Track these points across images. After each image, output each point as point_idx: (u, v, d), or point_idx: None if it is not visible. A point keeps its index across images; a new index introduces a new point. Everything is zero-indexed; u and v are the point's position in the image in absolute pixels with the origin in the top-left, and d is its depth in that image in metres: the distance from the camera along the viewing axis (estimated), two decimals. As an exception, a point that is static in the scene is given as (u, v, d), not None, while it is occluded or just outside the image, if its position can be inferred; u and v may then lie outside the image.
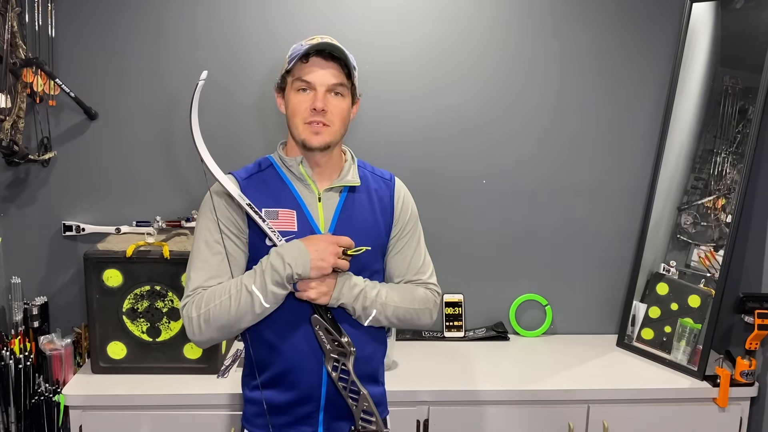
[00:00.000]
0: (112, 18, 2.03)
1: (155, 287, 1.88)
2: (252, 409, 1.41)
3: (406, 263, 1.45)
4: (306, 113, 1.32)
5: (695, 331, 2.01)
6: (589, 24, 2.14)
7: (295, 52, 1.32)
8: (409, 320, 1.41)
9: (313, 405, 1.37)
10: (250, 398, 1.42)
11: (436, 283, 1.49)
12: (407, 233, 1.46)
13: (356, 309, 1.33)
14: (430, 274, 1.49)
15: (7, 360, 1.85)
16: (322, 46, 1.30)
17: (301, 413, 1.38)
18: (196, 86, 1.30)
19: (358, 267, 1.37)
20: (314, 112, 1.31)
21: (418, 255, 1.47)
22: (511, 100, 2.17)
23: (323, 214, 1.37)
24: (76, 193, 2.11)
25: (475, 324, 2.29)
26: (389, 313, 1.37)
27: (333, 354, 1.31)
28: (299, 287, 1.28)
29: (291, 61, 1.32)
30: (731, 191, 2.00)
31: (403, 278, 1.45)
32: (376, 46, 2.09)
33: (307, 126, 1.32)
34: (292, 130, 1.36)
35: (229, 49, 2.07)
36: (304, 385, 1.36)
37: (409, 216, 1.46)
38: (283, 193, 1.37)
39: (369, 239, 1.38)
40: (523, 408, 1.89)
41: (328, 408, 1.37)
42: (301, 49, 1.31)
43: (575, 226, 2.26)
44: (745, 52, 2.00)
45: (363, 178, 1.43)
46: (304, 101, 1.32)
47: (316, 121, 1.32)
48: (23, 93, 1.93)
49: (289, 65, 1.33)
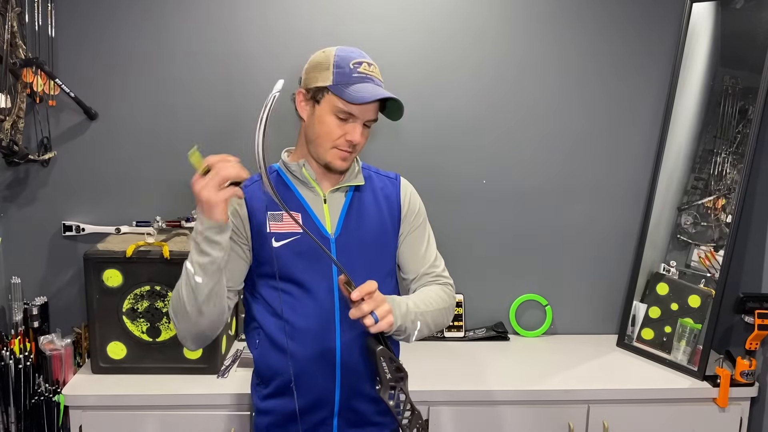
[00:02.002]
0: (111, 18, 2.03)
1: (155, 287, 1.88)
2: (265, 420, 1.39)
3: (420, 257, 1.44)
4: (341, 141, 1.30)
5: (695, 331, 2.01)
6: (589, 24, 2.14)
7: (345, 77, 1.27)
8: (441, 323, 1.40)
9: (327, 411, 1.35)
10: (262, 408, 1.39)
11: (450, 278, 1.48)
12: (417, 228, 1.45)
13: (408, 328, 1.28)
14: (443, 268, 1.48)
15: (7, 360, 1.85)
16: (383, 94, 1.26)
17: (314, 420, 1.36)
18: (271, 100, 1.13)
19: (370, 268, 1.33)
20: (349, 143, 1.30)
21: (430, 249, 1.47)
22: (510, 101, 2.17)
23: (329, 215, 1.36)
24: (76, 193, 2.11)
25: (475, 324, 2.29)
26: (429, 320, 1.34)
27: (391, 382, 1.21)
28: (367, 323, 1.17)
29: (340, 82, 1.27)
30: (731, 191, 2.00)
31: (417, 273, 1.44)
32: (376, 47, 2.09)
33: (337, 151, 1.31)
34: (317, 147, 1.32)
35: (230, 49, 2.07)
36: (317, 391, 1.34)
37: (417, 212, 1.46)
38: (287, 197, 1.35)
39: (378, 237, 1.38)
40: (523, 408, 1.89)
41: (342, 413, 1.36)
42: (355, 80, 1.27)
43: (575, 226, 2.26)
44: (745, 52, 2.00)
45: (367, 178, 1.43)
46: (341, 128, 1.29)
47: (348, 151, 1.31)
48: (23, 93, 1.92)
49: (334, 84, 1.28)
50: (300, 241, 1.32)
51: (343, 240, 1.35)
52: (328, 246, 1.33)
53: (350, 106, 1.27)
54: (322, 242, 1.27)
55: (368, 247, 1.36)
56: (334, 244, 1.34)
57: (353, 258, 1.33)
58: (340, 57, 1.29)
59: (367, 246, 1.36)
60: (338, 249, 1.34)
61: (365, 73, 1.29)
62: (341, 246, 1.34)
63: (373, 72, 1.31)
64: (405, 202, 1.44)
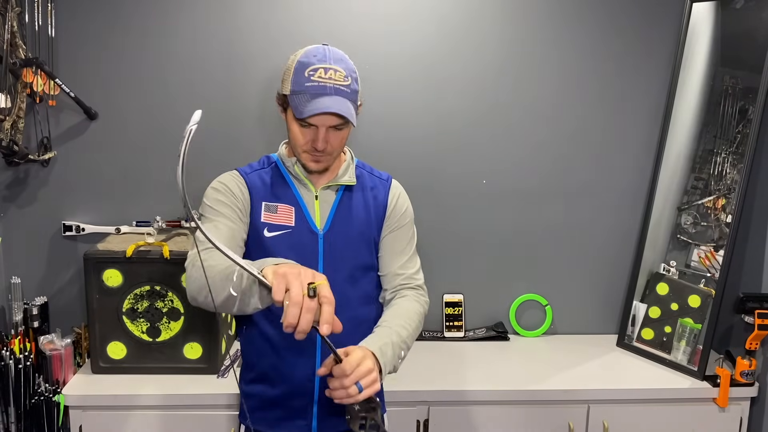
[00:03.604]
0: (112, 18, 2.03)
1: (155, 287, 1.88)
2: (250, 403, 1.44)
3: (395, 256, 1.47)
4: (307, 146, 1.34)
5: (695, 331, 2.01)
6: (589, 24, 2.14)
7: (299, 86, 1.27)
8: (416, 337, 1.43)
9: (306, 399, 1.40)
10: (247, 392, 1.45)
11: (421, 279, 1.52)
12: (400, 228, 1.48)
13: (396, 366, 1.32)
14: (417, 270, 1.51)
15: (7, 360, 1.85)
16: (323, 108, 1.25)
17: (294, 406, 1.41)
18: (188, 132, 0.99)
19: (354, 263, 1.41)
20: (314, 149, 1.33)
21: (406, 251, 1.49)
22: (510, 101, 2.17)
23: (320, 211, 1.41)
24: (76, 193, 2.11)
25: (475, 324, 2.29)
26: (410, 343, 1.38)
27: (361, 413, 1.18)
28: (345, 395, 1.15)
29: (294, 92, 1.29)
30: (731, 191, 2.00)
31: (389, 270, 1.47)
32: (376, 47, 2.09)
33: (308, 155, 1.35)
34: (293, 150, 1.39)
35: (230, 49, 2.07)
36: (296, 379, 1.39)
37: (402, 213, 1.49)
38: (283, 190, 1.41)
39: (362, 236, 1.43)
40: (524, 408, 1.89)
41: (321, 402, 1.39)
42: (306, 90, 1.27)
43: (575, 226, 2.26)
44: (745, 52, 2.00)
45: (360, 177, 1.46)
46: (305, 134, 1.32)
47: (317, 154, 1.34)
48: (23, 93, 1.93)
49: (290, 93, 1.30)
50: (292, 234, 1.37)
51: (331, 236, 1.40)
52: (317, 240, 1.38)
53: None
54: (311, 237, 1.38)
55: (353, 244, 1.42)
56: (322, 239, 1.39)
57: (339, 253, 1.40)
58: (300, 63, 1.29)
59: (352, 242, 1.42)
60: (326, 244, 1.39)
61: (318, 81, 1.27)
62: (329, 241, 1.39)
63: (330, 78, 1.27)
64: (392, 203, 1.48)
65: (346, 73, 1.30)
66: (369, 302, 1.46)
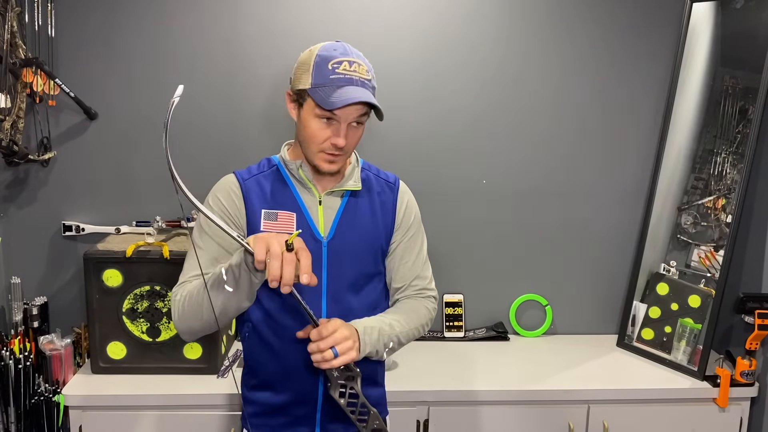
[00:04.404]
0: (111, 18, 2.03)
1: (155, 287, 1.88)
2: (250, 409, 1.41)
3: (407, 267, 1.43)
4: (326, 145, 1.27)
5: (695, 331, 2.01)
6: (588, 24, 2.14)
7: (322, 78, 1.23)
8: (415, 337, 1.42)
9: (310, 406, 1.37)
10: (249, 398, 1.42)
11: (434, 289, 1.49)
12: (409, 238, 1.44)
13: (379, 351, 1.30)
14: (430, 280, 1.48)
15: (7, 360, 1.85)
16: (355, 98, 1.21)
17: (298, 414, 1.38)
18: (171, 104, 1.10)
19: (359, 272, 1.36)
20: (334, 146, 1.26)
21: (419, 259, 1.46)
22: (510, 100, 2.17)
23: (323, 218, 1.35)
24: (76, 193, 2.11)
25: (475, 324, 2.29)
26: (403, 339, 1.37)
27: (340, 380, 1.24)
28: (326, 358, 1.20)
29: (317, 85, 1.23)
30: (731, 191, 2.00)
31: (402, 283, 1.44)
32: (376, 47, 2.09)
33: (324, 155, 1.28)
34: (305, 149, 1.31)
35: (230, 48, 2.07)
36: (301, 387, 1.36)
37: (411, 221, 1.44)
38: (284, 196, 1.34)
39: (368, 244, 1.37)
40: (523, 408, 1.89)
41: (325, 409, 1.37)
42: (331, 83, 1.23)
43: (575, 226, 2.26)
44: (745, 52, 2.00)
45: (366, 180, 1.40)
46: (325, 131, 1.26)
47: (334, 153, 1.28)
48: (23, 93, 1.93)
49: (312, 86, 1.24)
50: None
51: (335, 244, 1.34)
52: (320, 248, 1.33)
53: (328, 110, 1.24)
54: (314, 245, 1.31)
55: (358, 252, 1.36)
56: (326, 247, 1.33)
57: (344, 262, 1.34)
58: (321, 57, 1.25)
59: (357, 251, 1.36)
60: (330, 252, 1.33)
61: (344, 74, 1.23)
62: (333, 250, 1.33)
63: (355, 71, 1.24)
64: (400, 211, 1.43)
65: (368, 68, 1.28)
66: (374, 309, 1.40)
